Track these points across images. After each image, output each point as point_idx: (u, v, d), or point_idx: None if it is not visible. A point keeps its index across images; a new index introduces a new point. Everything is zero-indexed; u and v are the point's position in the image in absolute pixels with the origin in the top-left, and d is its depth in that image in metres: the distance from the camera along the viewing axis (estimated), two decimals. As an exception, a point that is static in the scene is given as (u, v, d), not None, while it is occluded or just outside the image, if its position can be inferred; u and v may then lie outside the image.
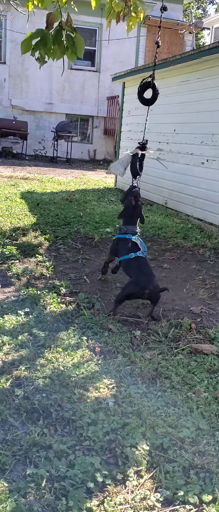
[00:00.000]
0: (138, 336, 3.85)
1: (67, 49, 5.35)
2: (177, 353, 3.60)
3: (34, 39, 5.12)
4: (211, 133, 8.01)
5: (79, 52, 5.35)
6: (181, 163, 9.10)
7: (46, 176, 13.30)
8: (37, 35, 5.14)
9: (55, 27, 5.21)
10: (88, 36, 18.53)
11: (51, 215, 8.06)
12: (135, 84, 11.53)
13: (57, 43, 5.27)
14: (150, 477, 2.31)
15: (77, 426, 2.61)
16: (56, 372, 3.14)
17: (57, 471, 2.27)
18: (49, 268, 5.31)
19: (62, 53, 5.40)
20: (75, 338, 3.67)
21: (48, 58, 5.39)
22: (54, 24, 5.22)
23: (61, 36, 5.25)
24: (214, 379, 3.25)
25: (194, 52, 8.33)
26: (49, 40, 5.20)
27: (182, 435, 2.61)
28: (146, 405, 2.87)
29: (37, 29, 5.12)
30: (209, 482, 2.30)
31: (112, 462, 2.40)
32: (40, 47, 5.23)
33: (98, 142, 19.82)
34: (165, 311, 4.45)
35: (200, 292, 5.05)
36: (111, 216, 8.52)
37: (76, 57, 5.46)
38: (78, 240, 6.69)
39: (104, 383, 3.07)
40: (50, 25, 5.27)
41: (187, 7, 35.27)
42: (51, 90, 18.68)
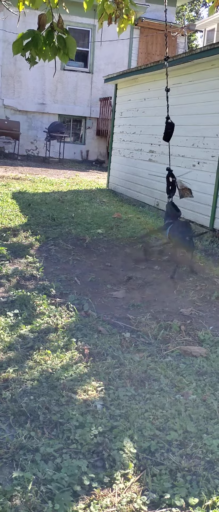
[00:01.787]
0: (128, 338, 3.85)
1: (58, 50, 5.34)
2: (166, 355, 3.61)
3: (25, 39, 5.11)
4: (202, 135, 8.04)
5: (71, 54, 5.33)
6: (172, 165, 9.09)
7: (38, 177, 13.28)
8: (28, 36, 5.13)
9: (47, 28, 5.20)
10: (81, 37, 18.52)
11: (42, 216, 8.04)
12: (127, 86, 11.55)
13: (49, 44, 5.26)
14: (137, 480, 2.31)
15: (65, 429, 2.60)
16: (44, 374, 3.14)
17: (44, 474, 2.27)
18: (40, 269, 5.30)
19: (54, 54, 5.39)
20: (64, 340, 3.67)
21: (39, 59, 5.37)
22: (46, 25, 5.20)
23: (52, 37, 5.23)
24: (202, 381, 3.26)
25: (186, 55, 8.35)
26: (40, 41, 5.18)
27: (169, 438, 2.62)
28: (134, 407, 2.87)
29: (28, 29, 5.10)
30: (195, 485, 2.30)
31: (99, 465, 2.39)
32: (31, 47, 5.22)
33: (91, 143, 19.82)
34: (155, 313, 4.45)
35: (190, 294, 5.07)
36: (103, 217, 8.53)
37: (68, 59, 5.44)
38: (69, 241, 6.68)
39: (93, 386, 3.06)
40: (42, 26, 5.26)
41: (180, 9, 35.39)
42: (44, 90, 18.64)
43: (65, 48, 5.26)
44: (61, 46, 5.25)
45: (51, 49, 5.29)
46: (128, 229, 7.79)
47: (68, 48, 5.26)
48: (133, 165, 11.10)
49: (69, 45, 5.25)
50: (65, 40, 5.20)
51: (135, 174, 10.90)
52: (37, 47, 5.20)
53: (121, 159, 11.91)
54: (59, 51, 5.33)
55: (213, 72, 7.80)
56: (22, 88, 18.47)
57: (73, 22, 17.58)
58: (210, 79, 7.87)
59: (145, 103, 10.50)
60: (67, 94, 18.97)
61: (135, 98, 11.05)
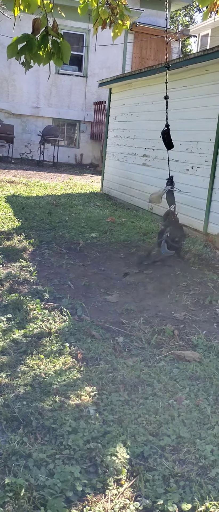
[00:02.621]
0: (121, 343, 3.85)
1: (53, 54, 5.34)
2: (160, 360, 3.61)
3: (20, 43, 5.11)
4: (196, 140, 8.07)
5: (65, 58, 5.34)
6: (166, 169, 9.13)
7: (32, 180, 13.25)
8: (23, 40, 5.12)
9: (41, 32, 5.20)
10: (75, 41, 18.54)
11: (36, 220, 8.03)
12: (121, 90, 11.57)
13: (43, 48, 5.26)
14: (130, 485, 2.31)
15: (58, 435, 2.60)
16: (37, 379, 3.13)
17: (36, 480, 2.26)
18: (33, 273, 5.29)
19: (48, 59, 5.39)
20: (57, 345, 3.66)
21: (33, 63, 5.37)
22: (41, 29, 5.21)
23: (47, 42, 5.23)
24: (195, 386, 3.26)
25: (179, 61, 8.38)
26: (35, 45, 5.19)
27: (163, 443, 2.62)
28: (127, 412, 2.87)
29: (23, 33, 5.10)
30: (188, 490, 2.30)
31: (92, 470, 2.39)
32: (25, 51, 5.21)
33: (85, 146, 19.82)
34: (148, 317, 4.45)
35: (184, 298, 5.08)
36: (97, 221, 8.53)
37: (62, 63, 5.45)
38: (63, 245, 6.67)
39: (86, 391, 3.06)
40: (37, 31, 5.26)
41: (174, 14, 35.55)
42: (38, 94, 18.63)
43: (60, 52, 5.27)
44: (56, 51, 5.25)
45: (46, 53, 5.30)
46: (122, 233, 7.79)
47: (62, 52, 5.26)
48: (127, 169, 11.12)
49: (63, 49, 5.25)
50: (59, 44, 5.21)
51: (129, 178, 10.91)
52: (31, 51, 5.20)
53: (115, 163, 11.92)
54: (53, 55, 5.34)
55: (207, 77, 7.83)
56: (16, 91, 18.45)
57: (68, 26, 17.59)
58: (204, 84, 7.90)
59: (139, 108, 10.52)
60: (61, 98, 18.97)
61: (129, 103, 11.07)
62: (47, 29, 5.19)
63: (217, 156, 7.47)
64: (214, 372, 3.46)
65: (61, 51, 5.24)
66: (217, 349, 3.84)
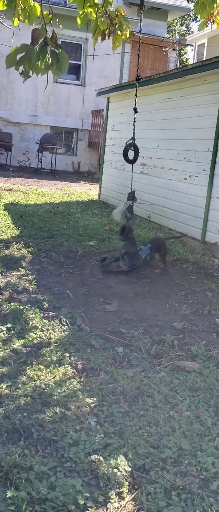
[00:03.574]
0: (121, 353, 3.84)
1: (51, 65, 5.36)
2: (160, 371, 3.61)
3: (18, 53, 5.13)
4: (193, 149, 8.10)
5: (64, 69, 5.36)
6: (164, 178, 9.18)
7: (30, 188, 13.26)
8: (22, 50, 5.15)
9: (40, 42, 5.23)
10: (73, 50, 18.62)
11: (34, 228, 8.03)
12: (119, 99, 11.62)
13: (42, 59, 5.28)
14: (131, 498, 2.30)
15: (59, 447, 2.59)
16: (37, 390, 3.12)
17: (38, 493, 2.25)
18: (32, 282, 5.28)
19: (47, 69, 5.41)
20: (57, 355, 3.65)
21: (32, 73, 5.39)
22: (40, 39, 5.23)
23: (45, 52, 5.25)
24: (196, 398, 3.26)
25: (177, 71, 8.44)
26: (34, 56, 5.20)
27: (164, 456, 2.61)
28: (128, 424, 2.86)
29: (22, 44, 5.12)
30: (190, 503, 2.30)
31: (93, 483, 2.38)
32: (24, 62, 5.23)
33: (83, 154, 19.86)
34: (147, 327, 4.45)
35: (183, 307, 5.08)
36: (95, 229, 8.53)
37: (60, 73, 5.48)
38: (61, 253, 6.67)
39: (86, 402, 3.05)
40: (36, 41, 5.28)
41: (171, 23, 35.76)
42: (36, 102, 18.68)
43: (58, 63, 5.29)
44: (54, 61, 5.28)
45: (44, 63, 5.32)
46: (120, 242, 7.79)
47: (61, 63, 5.29)
48: (124, 177, 11.13)
49: (62, 60, 5.27)
50: (58, 55, 5.23)
51: (127, 186, 10.90)
52: (30, 62, 5.22)
53: (112, 171, 11.95)
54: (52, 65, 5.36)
55: (204, 87, 7.88)
56: (15, 100, 18.49)
57: (66, 36, 17.66)
58: (201, 94, 7.95)
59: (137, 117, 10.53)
60: (59, 106, 19.03)
61: (127, 112, 11.10)
62: (46, 40, 5.22)
63: (215, 165, 7.51)
64: (214, 383, 3.46)
65: (60, 61, 5.27)
66: (217, 360, 3.84)
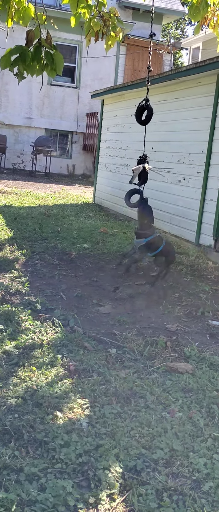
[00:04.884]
0: (114, 354, 3.83)
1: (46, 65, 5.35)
2: (152, 372, 3.59)
3: (13, 55, 5.11)
4: (188, 152, 8.11)
5: (58, 69, 5.35)
6: (158, 180, 9.17)
7: (24, 190, 13.22)
8: (16, 51, 5.13)
9: (35, 43, 5.21)
10: (68, 53, 18.61)
11: (28, 230, 8.00)
12: (114, 101, 11.63)
13: (36, 60, 5.26)
14: (122, 500, 2.28)
15: (50, 448, 2.56)
16: (29, 391, 3.09)
17: (28, 495, 2.22)
18: (25, 284, 5.25)
19: (42, 70, 5.40)
20: (49, 356, 3.63)
21: (27, 74, 5.38)
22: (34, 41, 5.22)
23: (40, 53, 5.24)
24: (188, 399, 3.25)
25: (171, 73, 8.45)
26: (28, 57, 5.19)
27: (155, 457, 2.59)
28: (120, 425, 2.84)
29: (17, 45, 5.11)
30: (182, 504, 2.28)
31: (84, 485, 2.36)
32: (19, 63, 5.22)
33: (77, 157, 19.85)
34: (141, 329, 4.43)
35: (176, 309, 5.07)
36: (89, 231, 8.52)
37: (55, 74, 5.46)
38: (55, 256, 6.64)
39: (78, 403, 3.03)
40: (30, 42, 5.27)
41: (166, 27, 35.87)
42: (31, 105, 18.66)
43: (53, 63, 5.28)
44: (49, 62, 5.27)
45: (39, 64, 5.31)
46: (114, 244, 7.79)
47: (55, 63, 5.27)
48: (119, 180, 11.14)
49: (56, 60, 5.26)
50: (52, 55, 5.22)
51: (121, 189, 10.92)
52: (25, 63, 5.21)
53: (107, 174, 11.94)
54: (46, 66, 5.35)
55: (198, 89, 7.90)
56: (9, 102, 18.45)
57: (60, 38, 17.66)
58: (195, 96, 7.97)
59: (132, 119, 10.54)
60: (54, 109, 19.01)
61: (122, 114, 11.12)
62: (40, 41, 5.21)
63: (209, 168, 7.52)
64: (207, 384, 3.45)
65: (55, 62, 5.25)
66: (210, 361, 3.84)
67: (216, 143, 7.43)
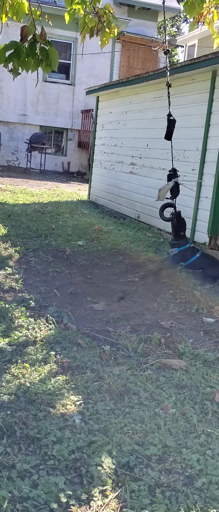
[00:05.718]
0: (107, 351, 3.81)
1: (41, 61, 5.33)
2: (146, 369, 3.59)
3: (7, 51, 5.08)
4: (183, 149, 8.10)
5: (54, 65, 5.33)
6: (153, 178, 9.18)
7: (19, 187, 13.18)
8: (11, 47, 5.10)
9: (29, 39, 5.19)
10: (63, 50, 18.56)
11: (22, 227, 7.97)
12: (109, 98, 11.60)
13: (31, 56, 5.24)
14: (115, 496, 2.28)
15: (42, 445, 2.55)
16: (22, 388, 3.08)
17: (20, 492, 2.21)
18: (19, 281, 5.23)
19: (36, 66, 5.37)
20: (43, 353, 3.62)
21: (21, 70, 5.35)
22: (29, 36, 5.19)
23: (35, 49, 5.22)
24: (182, 395, 3.25)
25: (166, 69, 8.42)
26: (23, 53, 5.17)
27: (148, 453, 2.59)
28: (113, 422, 2.83)
29: (11, 41, 5.08)
30: (174, 501, 2.28)
31: (77, 481, 2.35)
32: (13, 59, 5.19)
33: (72, 154, 19.81)
34: (135, 326, 4.43)
35: (171, 306, 5.07)
36: (84, 228, 8.50)
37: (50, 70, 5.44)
38: (49, 253, 6.62)
39: (71, 400, 3.02)
40: (25, 38, 5.24)
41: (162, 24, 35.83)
42: (25, 101, 18.59)
43: (48, 59, 5.25)
44: (44, 58, 5.24)
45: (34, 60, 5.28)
46: (109, 241, 7.78)
47: (50, 59, 5.25)
48: (114, 177, 11.13)
49: (51, 56, 5.24)
50: (47, 51, 5.19)
51: (116, 186, 10.93)
52: (19, 59, 5.18)
53: (102, 171, 11.93)
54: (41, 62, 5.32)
55: (193, 86, 7.90)
56: (4, 99, 18.38)
57: (55, 35, 17.61)
58: (190, 93, 7.96)
59: (127, 116, 10.56)
60: (48, 105, 18.96)
61: (117, 111, 11.11)
62: (35, 37, 5.18)
63: (204, 165, 7.53)
64: (201, 381, 3.44)
65: (50, 58, 5.23)
66: (204, 358, 3.83)
67: (211, 140, 7.43)
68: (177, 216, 6.30)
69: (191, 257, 6.15)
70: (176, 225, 6.32)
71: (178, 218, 6.31)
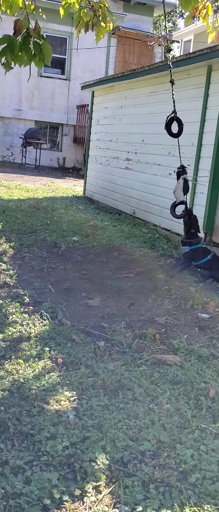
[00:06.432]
0: (102, 347, 3.81)
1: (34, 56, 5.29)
2: (141, 364, 3.58)
3: (1, 44, 5.05)
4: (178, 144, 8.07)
5: (47, 60, 5.29)
6: (149, 173, 9.16)
7: (14, 183, 13.12)
8: (4, 41, 5.06)
9: (23, 33, 5.15)
10: (58, 44, 18.48)
11: (17, 223, 7.93)
12: (104, 93, 11.56)
13: (25, 50, 5.21)
14: (109, 492, 2.27)
15: (36, 441, 2.54)
16: (16, 384, 3.06)
17: (13, 488, 2.20)
18: (13, 276, 5.21)
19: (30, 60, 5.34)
20: (37, 349, 3.60)
21: (15, 64, 5.32)
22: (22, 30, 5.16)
23: (28, 43, 5.18)
24: (176, 390, 3.24)
25: (162, 64, 8.41)
26: (16, 47, 5.13)
27: (142, 448, 2.58)
28: (107, 417, 2.83)
29: (4, 34, 5.04)
30: (168, 496, 2.27)
31: (70, 477, 2.34)
32: (7, 53, 5.16)
33: (68, 150, 19.75)
34: (130, 321, 4.42)
35: (166, 302, 5.06)
36: (79, 224, 8.48)
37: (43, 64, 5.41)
38: (44, 249, 6.60)
39: (65, 396, 3.01)
40: (18, 32, 5.20)
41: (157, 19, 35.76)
42: (21, 96, 18.50)
43: (41, 54, 5.22)
44: (37, 52, 5.21)
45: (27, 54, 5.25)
46: (104, 237, 7.76)
47: (44, 54, 5.21)
48: (109, 172, 11.10)
49: (45, 51, 5.20)
50: (41, 46, 5.16)
51: (112, 182, 10.90)
52: (13, 53, 5.14)
53: (97, 166, 11.90)
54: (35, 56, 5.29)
55: (189, 81, 7.88)
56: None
57: (51, 29, 17.53)
58: (186, 88, 7.94)
59: (122, 111, 10.53)
60: (44, 100, 18.87)
61: (112, 106, 11.07)
62: (28, 31, 5.14)
63: (199, 160, 7.52)
64: (195, 376, 3.44)
65: (43, 52, 5.19)
66: (198, 353, 3.83)
67: (206, 136, 7.42)
68: (188, 213, 6.27)
69: (202, 258, 6.10)
70: (187, 222, 6.28)
71: (189, 215, 6.28)
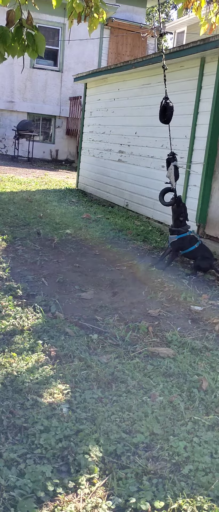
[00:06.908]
0: (95, 340, 3.81)
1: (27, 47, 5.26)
2: (134, 357, 3.59)
3: (-7, 36, 5.00)
4: (171, 136, 8.07)
5: (40, 51, 5.26)
6: (142, 166, 9.16)
7: (6, 175, 13.06)
8: (-4, 32, 5.02)
9: (16, 24, 5.11)
10: (50, 36, 18.36)
11: (10, 215, 7.90)
12: (97, 85, 11.52)
13: (17, 41, 5.17)
14: (102, 484, 2.28)
15: (29, 434, 2.54)
16: (9, 377, 3.06)
17: (7, 481, 2.20)
18: (6, 269, 5.19)
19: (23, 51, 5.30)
20: (30, 342, 3.60)
21: (8, 55, 5.28)
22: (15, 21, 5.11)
23: (21, 34, 5.14)
24: (169, 383, 3.26)
25: (155, 56, 8.38)
26: (9, 38, 5.09)
27: (136, 441, 2.60)
28: (101, 410, 2.83)
29: (-3, 26, 5.00)
30: (161, 488, 2.29)
31: (64, 470, 2.35)
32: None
33: (61, 142, 19.68)
34: (123, 314, 4.43)
35: (159, 295, 5.07)
36: (72, 217, 8.46)
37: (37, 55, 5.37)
38: (37, 241, 6.58)
39: (59, 388, 3.01)
40: (11, 23, 5.16)
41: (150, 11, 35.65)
42: (13, 88, 18.38)
43: (34, 44, 5.19)
44: (30, 43, 5.17)
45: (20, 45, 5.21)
46: (97, 229, 7.76)
47: (37, 45, 5.18)
48: (102, 165, 11.08)
49: (38, 41, 5.16)
50: (34, 36, 5.12)
51: (105, 174, 10.88)
52: (5, 44, 5.11)
53: (90, 159, 11.87)
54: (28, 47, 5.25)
55: (182, 73, 7.86)
56: (-10, 85, 18.17)
57: (43, 20, 17.40)
58: (179, 80, 7.93)
59: (115, 103, 10.50)
60: (36, 92, 18.77)
61: (105, 98, 11.03)
62: (21, 21, 5.10)
63: (192, 153, 7.52)
64: (188, 368, 3.46)
65: (36, 43, 5.16)
66: (191, 346, 3.85)
67: (199, 128, 7.42)
68: (177, 201, 6.17)
69: (189, 246, 5.99)
70: (176, 210, 6.14)
71: (178, 203, 6.17)
